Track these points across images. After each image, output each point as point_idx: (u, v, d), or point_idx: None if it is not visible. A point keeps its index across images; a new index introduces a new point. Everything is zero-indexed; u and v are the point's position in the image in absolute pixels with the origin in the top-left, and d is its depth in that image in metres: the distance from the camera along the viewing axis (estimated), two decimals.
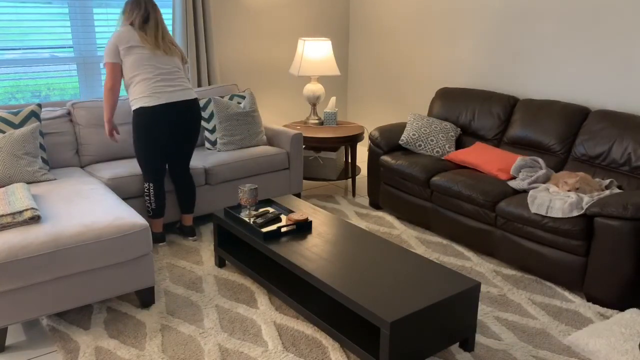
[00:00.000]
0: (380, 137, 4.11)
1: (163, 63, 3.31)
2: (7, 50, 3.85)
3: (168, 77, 3.31)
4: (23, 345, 2.61)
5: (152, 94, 3.25)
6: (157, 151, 3.36)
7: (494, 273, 3.31)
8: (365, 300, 2.29)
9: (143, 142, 3.33)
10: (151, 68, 3.26)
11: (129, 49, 3.24)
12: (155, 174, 3.41)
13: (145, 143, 3.33)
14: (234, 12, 4.77)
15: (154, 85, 3.26)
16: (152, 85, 3.25)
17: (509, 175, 3.54)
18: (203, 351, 2.56)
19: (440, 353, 2.55)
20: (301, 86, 5.37)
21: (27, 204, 2.61)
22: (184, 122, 3.38)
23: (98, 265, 2.63)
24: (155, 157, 3.38)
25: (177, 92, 3.32)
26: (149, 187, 3.42)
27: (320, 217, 3.15)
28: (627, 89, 3.57)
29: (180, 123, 3.36)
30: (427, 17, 4.75)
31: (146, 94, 3.24)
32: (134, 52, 3.24)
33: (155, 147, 3.35)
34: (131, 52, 3.24)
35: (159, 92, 3.26)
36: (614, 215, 2.81)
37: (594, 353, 2.52)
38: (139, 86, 3.26)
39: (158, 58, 3.29)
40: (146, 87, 3.25)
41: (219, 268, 3.32)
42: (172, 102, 3.29)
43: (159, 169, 3.42)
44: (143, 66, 3.25)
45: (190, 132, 3.45)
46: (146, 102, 3.24)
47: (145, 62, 3.26)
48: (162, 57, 3.31)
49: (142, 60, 3.25)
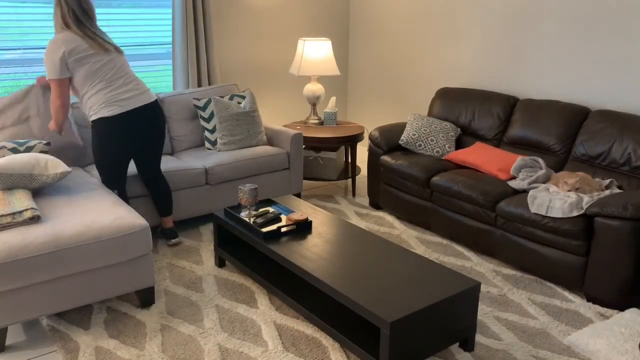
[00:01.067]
0: (380, 137, 4.11)
1: (112, 67, 3.13)
2: (7, 50, 3.85)
3: (122, 81, 3.15)
4: (23, 345, 2.61)
5: (112, 103, 3.10)
6: (121, 160, 3.26)
7: (494, 273, 3.31)
8: (365, 300, 2.29)
9: (106, 152, 3.20)
10: (104, 75, 3.09)
11: (79, 59, 3.03)
12: (119, 182, 3.30)
13: (109, 153, 3.20)
14: (234, 12, 4.77)
15: (111, 94, 3.10)
16: (109, 94, 3.10)
17: (509, 175, 3.55)
18: (203, 351, 2.56)
19: (440, 353, 2.55)
20: (301, 86, 5.37)
21: (27, 204, 2.61)
22: (148, 126, 3.25)
23: (98, 265, 2.63)
24: (119, 165, 3.27)
25: (135, 97, 3.18)
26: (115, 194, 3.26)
27: (320, 217, 3.15)
28: (627, 89, 3.57)
29: (144, 128, 3.24)
30: (427, 17, 4.75)
31: (105, 103, 3.09)
32: (84, 62, 3.04)
33: (120, 156, 3.24)
34: (82, 63, 3.04)
35: (118, 99, 3.11)
36: (614, 215, 2.81)
37: (594, 353, 2.52)
38: (96, 97, 3.09)
39: (107, 63, 3.10)
40: (104, 97, 3.09)
41: (219, 268, 3.33)
42: (132, 110, 3.15)
43: (122, 177, 3.31)
44: (96, 76, 3.07)
45: (156, 136, 3.33)
46: (107, 112, 3.09)
47: (98, 70, 3.07)
48: (109, 60, 3.12)
49: (94, 69, 3.06)
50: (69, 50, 3.00)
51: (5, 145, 3.08)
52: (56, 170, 2.88)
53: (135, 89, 3.21)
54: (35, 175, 2.82)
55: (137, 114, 3.19)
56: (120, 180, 3.32)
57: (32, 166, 2.81)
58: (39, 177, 2.83)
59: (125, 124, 3.16)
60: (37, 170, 2.82)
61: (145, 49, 4.44)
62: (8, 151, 3.06)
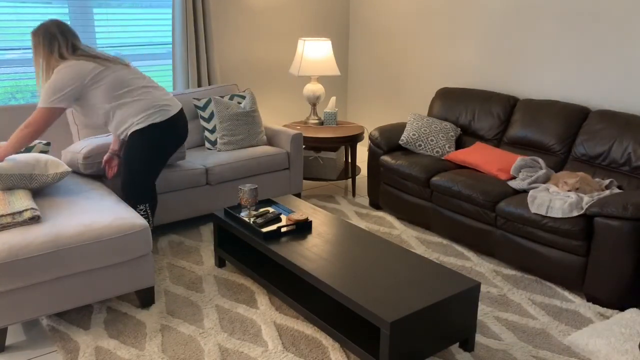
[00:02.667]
0: (380, 137, 4.11)
1: (134, 74, 3.00)
2: (7, 50, 3.85)
3: (153, 86, 3.05)
4: (23, 345, 2.61)
5: (158, 109, 3.00)
6: (161, 169, 3.18)
7: (494, 273, 3.31)
8: (365, 300, 2.29)
9: (151, 162, 3.06)
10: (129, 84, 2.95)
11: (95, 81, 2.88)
12: (150, 196, 3.17)
13: (154, 163, 3.08)
14: (234, 12, 4.77)
15: (151, 100, 2.98)
16: (149, 100, 2.98)
17: (509, 175, 3.55)
18: (203, 351, 2.56)
19: (440, 353, 2.55)
20: (301, 86, 5.37)
21: (27, 204, 2.61)
22: (185, 131, 3.20)
23: (98, 265, 2.63)
24: (156, 175, 3.18)
25: (171, 99, 3.11)
26: (146, 207, 3.15)
27: (320, 217, 3.15)
28: (627, 89, 3.57)
29: (184, 134, 3.19)
30: (427, 17, 4.75)
31: (150, 109, 2.98)
32: (99, 80, 2.89)
33: (163, 165, 3.15)
34: (97, 82, 2.89)
35: (162, 104, 3.02)
36: (613, 215, 2.81)
37: (594, 353, 2.52)
38: (132, 106, 2.96)
39: (126, 72, 2.96)
40: (144, 104, 2.97)
41: (219, 268, 3.33)
42: (177, 113, 3.09)
43: (154, 189, 3.20)
44: (122, 86, 2.93)
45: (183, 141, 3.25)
46: (157, 118, 2.98)
47: (121, 81, 2.92)
48: (125, 69, 2.98)
49: (116, 81, 2.91)
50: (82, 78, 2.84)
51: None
52: (56, 170, 2.88)
53: (167, 93, 3.14)
54: (35, 175, 2.81)
55: (180, 117, 3.13)
56: (149, 194, 3.16)
57: (32, 166, 2.81)
58: (39, 177, 2.83)
59: (175, 128, 3.08)
60: (37, 170, 2.82)
61: (145, 49, 4.44)
62: None
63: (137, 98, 2.99)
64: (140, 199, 3.13)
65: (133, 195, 3.12)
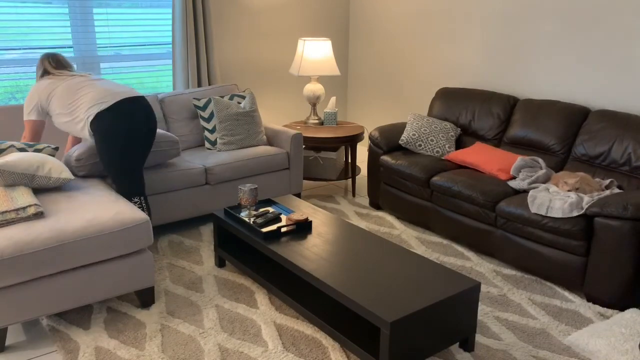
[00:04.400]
0: (380, 137, 4.11)
1: (86, 80, 3.17)
2: (7, 50, 3.85)
3: (102, 81, 3.16)
4: (23, 345, 2.61)
5: (104, 97, 3.05)
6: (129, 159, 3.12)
7: (494, 273, 3.31)
8: (365, 300, 2.29)
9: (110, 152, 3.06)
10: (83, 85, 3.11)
11: (50, 91, 3.11)
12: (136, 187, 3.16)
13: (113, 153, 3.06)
14: (234, 12, 4.77)
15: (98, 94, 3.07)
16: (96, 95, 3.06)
17: (509, 175, 3.55)
18: (203, 351, 2.56)
19: (440, 353, 2.55)
20: (301, 86, 5.37)
21: (30, 200, 2.63)
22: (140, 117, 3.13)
23: (101, 258, 2.65)
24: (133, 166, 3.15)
25: (124, 90, 3.14)
26: (140, 199, 3.17)
27: (320, 217, 3.15)
28: (627, 89, 3.57)
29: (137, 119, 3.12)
30: (427, 17, 4.75)
31: (95, 102, 3.04)
32: (54, 87, 3.11)
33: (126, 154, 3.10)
34: (52, 90, 3.11)
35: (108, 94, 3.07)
36: (614, 215, 2.81)
37: (594, 353, 2.52)
38: (83, 105, 3.05)
39: (80, 79, 3.16)
40: (91, 99, 3.05)
41: (219, 268, 3.33)
42: (124, 100, 3.07)
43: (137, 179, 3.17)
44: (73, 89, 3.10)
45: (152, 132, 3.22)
46: (100, 107, 3.02)
47: (72, 85, 3.11)
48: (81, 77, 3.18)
49: (67, 87, 3.10)
50: (41, 96, 3.12)
51: (15, 145, 3.09)
52: (59, 175, 2.91)
53: (118, 85, 3.18)
54: (37, 176, 2.84)
55: (127, 102, 3.07)
56: (137, 185, 3.15)
57: (35, 168, 2.83)
58: (40, 179, 2.85)
59: (121, 112, 3.04)
60: (40, 172, 2.85)
61: (145, 49, 4.44)
62: (17, 150, 3.07)
63: (84, 95, 3.08)
64: (129, 192, 3.13)
65: (120, 189, 3.13)
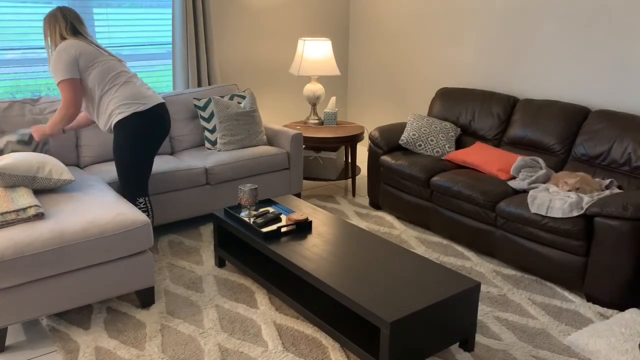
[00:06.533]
0: (380, 137, 4.11)
1: (122, 68, 3.12)
2: (7, 50, 3.85)
3: (137, 79, 3.15)
4: (23, 345, 2.61)
5: (140, 98, 3.06)
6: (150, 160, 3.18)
7: (494, 273, 3.31)
8: (365, 300, 2.29)
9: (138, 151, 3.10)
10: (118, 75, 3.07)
11: (90, 60, 3.00)
12: (145, 188, 3.21)
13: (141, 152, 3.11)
14: (234, 12, 4.77)
15: (136, 90, 3.07)
16: (134, 90, 3.06)
17: (509, 175, 3.55)
18: (203, 351, 2.56)
19: (440, 353, 2.55)
20: (301, 86, 5.37)
21: (30, 201, 2.62)
22: (167, 125, 3.21)
23: (102, 260, 2.65)
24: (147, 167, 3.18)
25: (154, 94, 3.16)
26: (145, 200, 3.20)
27: (320, 217, 3.15)
28: (627, 89, 3.57)
29: (167, 126, 3.20)
30: (428, 17, 4.75)
31: (134, 98, 3.04)
32: (95, 63, 3.01)
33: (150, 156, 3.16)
34: (93, 65, 3.01)
35: (144, 95, 3.08)
36: (613, 215, 2.81)
37: (594, 353, 2.52)
38: (118, 95, 3.04)
39: (117, 64, 3.09)
40: (129, 93, 3.04)
41: (219, 268, 3.33)
42: (158, 104, 3.12)
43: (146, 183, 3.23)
44: (110, 74, 3.05)
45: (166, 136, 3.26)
46: (140, 107, 3.04)
47: (111, 69, 3.05)
48: (117, 62, 3.11)
49: (106, 68, 3.04)
50: (79, 52, 2.97)
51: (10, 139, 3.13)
52: (59, 176, 2.91)
53: (150, 88, 3.20)
54: (38, 178, 2.84)
55: (163, 109, 3.17)
56: (146, 186, 3.20)
57: (35, 169, 2.83)
58: (41, 181, 2.85)
59: (158, 117, 3.11)
60: (40, 174, 2.84)
61: (145, 49, 4.44)
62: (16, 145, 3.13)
63: (122, 87, 3.06)
64: (137, 192, 3.16)
65: (129, 189, 3.15)
